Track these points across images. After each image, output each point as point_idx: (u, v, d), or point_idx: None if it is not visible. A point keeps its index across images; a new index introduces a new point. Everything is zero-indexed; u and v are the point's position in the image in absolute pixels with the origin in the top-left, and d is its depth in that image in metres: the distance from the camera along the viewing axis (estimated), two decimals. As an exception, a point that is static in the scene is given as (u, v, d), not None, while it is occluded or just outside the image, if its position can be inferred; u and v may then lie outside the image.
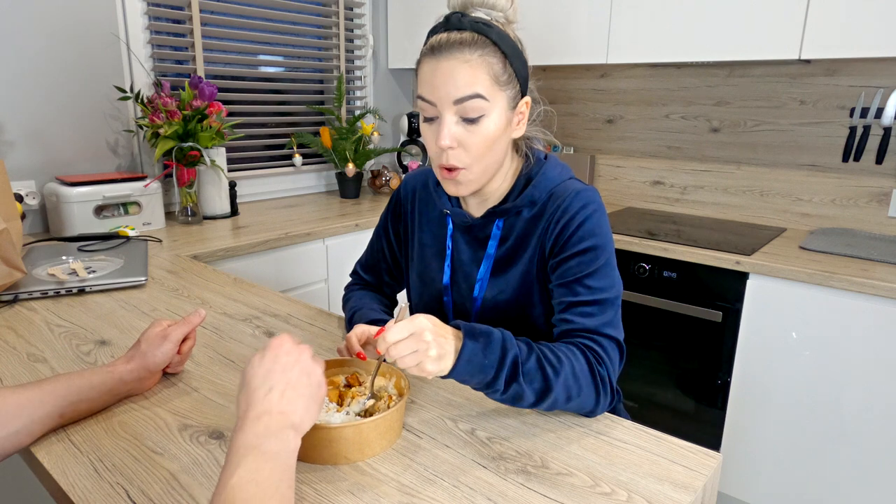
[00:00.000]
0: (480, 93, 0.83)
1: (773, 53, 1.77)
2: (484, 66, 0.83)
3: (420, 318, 0.73)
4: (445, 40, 0.83)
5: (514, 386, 0.76)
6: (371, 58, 2.76)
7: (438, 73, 0.83)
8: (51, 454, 0.71)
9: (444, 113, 0.85)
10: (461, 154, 0.86)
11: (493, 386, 0.76)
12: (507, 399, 0.78)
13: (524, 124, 0.92)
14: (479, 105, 0.83)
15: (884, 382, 1.54)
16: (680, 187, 2.36)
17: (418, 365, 0.71)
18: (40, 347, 1.00)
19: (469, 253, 1.01)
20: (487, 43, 0.83)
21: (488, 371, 0.75)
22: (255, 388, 0.61)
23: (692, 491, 0.67)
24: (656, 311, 1.90)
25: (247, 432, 0.56)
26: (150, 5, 1.99)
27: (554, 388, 0.77)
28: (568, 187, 0.93)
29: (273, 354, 0.64)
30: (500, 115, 0.86)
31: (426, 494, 0.65)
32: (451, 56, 0.82)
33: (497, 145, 0.88)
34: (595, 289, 0.87)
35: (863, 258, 1.68)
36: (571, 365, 0.80)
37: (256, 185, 2.43)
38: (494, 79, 0.84)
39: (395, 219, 1.12)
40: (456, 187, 0.91)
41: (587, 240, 0.88)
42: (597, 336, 0.85)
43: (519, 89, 0.88)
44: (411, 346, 0.71)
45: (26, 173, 1.79)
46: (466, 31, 0.83)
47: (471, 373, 0.74)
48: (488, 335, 0.76)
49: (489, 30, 0.84)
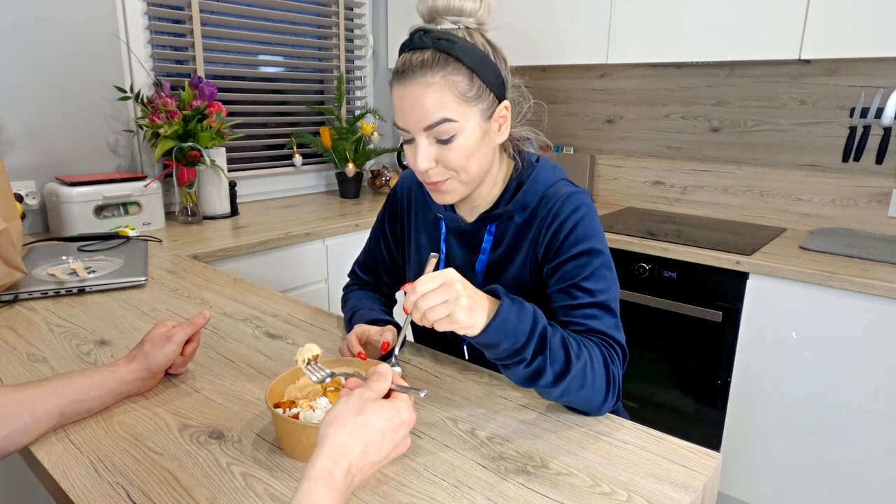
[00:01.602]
0: (447, 116, 0.82)
1: (773, 53, 1.77)
2: (448, 87, 0.82)
3: (449, 270, 0.72)
4: (409, 63, 0.83)
5: (538, 359, 0.75)
6: (371, 58, 2.76)
7: (406, 100, 0.83)
8: (51, 454, 0.71)
9: (417, 137, 0.85)
10: (441, 170, 0.87)
11: (522, 354, 0.75)
12: (528, 374, 0.77)
13: (507, 128, 0.91)
14: (449, 127, 0.83)
15: (884, 382, 1.54)
16: (680, 187, 2.36)
17: (449, 316, 0.70)
18: (40, 347, 1.00)
19: (463, 257, 1.01)
20: (450, 61, 0.82)
21: (520, 336, 0.74)
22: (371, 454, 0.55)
23: (692, 491, 0.67)
24: (656, 311, 1.90)
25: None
26: (150, 5, 1.99)
27: (572, 372, 0.76)
28: (559, 190, 0.92)
29: (401, 436, 0.58)
30: (474, 129, 0.85)
31: (426, 494, 0.65)
32: (414, 81, 0.82)
33: (478, 155, 0.87)
34: (594, 291, 0.87)
35: (863, 258, 1.68)
36: (590, 354, 0.79)
37: (256, 185, 2.43)
38: (461, 97, 0.83)
39: (392, 218, 1.12)
40: (441, 196, 0.91)
41: (582, 243, 0.88)
42: (607, 338, 0.85)
43: (493, 97, 0.87)
44: (442, 295, 0.70)
45: (26, 173, 1.79)
46: (429, 49, 0.82)
47: (504, 334, 0.73)
48: (522, 302, 0.76)
49: (452, 46, 0.82)
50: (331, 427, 0.55)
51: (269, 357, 0.99)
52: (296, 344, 1.04)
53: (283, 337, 1.07)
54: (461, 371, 0.96)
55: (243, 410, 0.82)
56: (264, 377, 0.92)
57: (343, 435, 0.54)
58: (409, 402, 0.60)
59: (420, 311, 0.70)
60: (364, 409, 0.56)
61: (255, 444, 0.74)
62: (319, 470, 0.51)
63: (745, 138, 2.18)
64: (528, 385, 0.79)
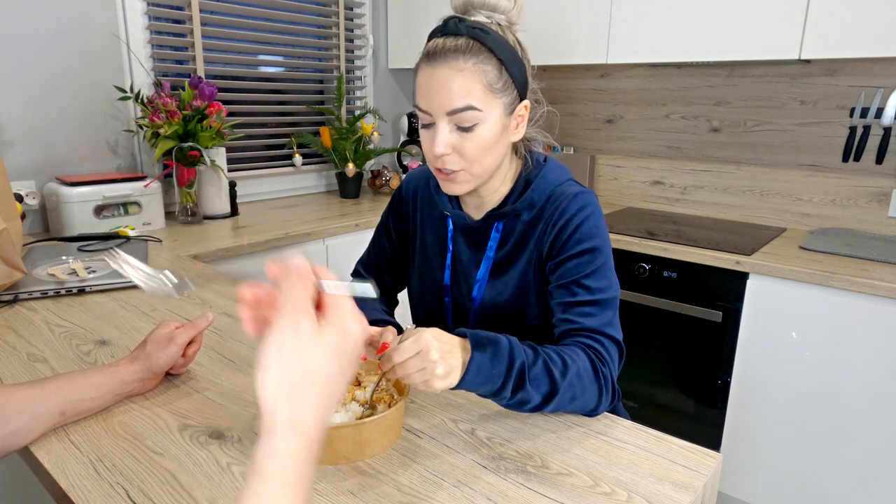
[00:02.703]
0: (473, 104, 0.83)
1: (773, 53, 1.77)
2: (477, 75, 0.82)
3: (426, 334, 0.71)
4: (441, 47, 0.83)
5: (520, 393, 0.76)
6: (371, 58, 2.76)
7: (433, 82, 0.83)
8: (51, 454, 0.71)
9: (438, 121, 0.85)
10: (456, 159, 0.87)
11: (501, 394, 0.76)
12: (513, 404, 0.79)
13: (523, 127, 0.92)
14: (472, 115, 0.83)
15: (884, 382, 1.54)
16: (680, 187, 2.36)
17: (425, 382, 0.71)
18: (40, 347, 1.00)
19: (469, 254, 1.01)
20: (482, 50, 0.83)
21: (496, 380, 0.75)
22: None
23: (692, 491, 0.67)
24: (656, 311, 1.90)
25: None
26: (150, 5, 1.99)
27: (559, 391, 0.77)
28: (565, 190, 0.93)
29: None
30: (496, 121, 0.86)
31: (426, 495, 0.65)
32: (445, 64, 0.82)
33: (494, 150, 0.88)
34: (594, 289, 0.87)
35: (863, 258, 1.68)
36: (577, 367, 0.80)
37: (256, 185, 2.43)
38: (488, 87, 0.83)
39: (397, 218, 1.12)
40: (451, 186, 0.91)
41: (585, 242, 0.89)
42: (598, 336, 0.86)
43: (517, 94, 0.88)
44: (417, 364, 0.70)
45: (26, 173, 1.79)
46: (463, 36, 0.83)
47: (479, 383, 0.75)
48: (496, 344, 0.76)
49: (486, 36, 0.83)
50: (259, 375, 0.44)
51: (269, 357, 0.99)
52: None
53: (283, 337, 1.07)
54: (461, 371, 0.96)
55: (243, 410, 0.82)
56: (264, 377, 0.92)
57: (273, 375, 0.44)
58: (353, 311, 0.47)
59: (396, 376, 0.72)
60: (296, 346, 0.45)
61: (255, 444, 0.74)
62: (265, 429, 0.43)
63: (745, 138, 2.18)
64: (518, 410, 0.81)
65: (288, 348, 0.44)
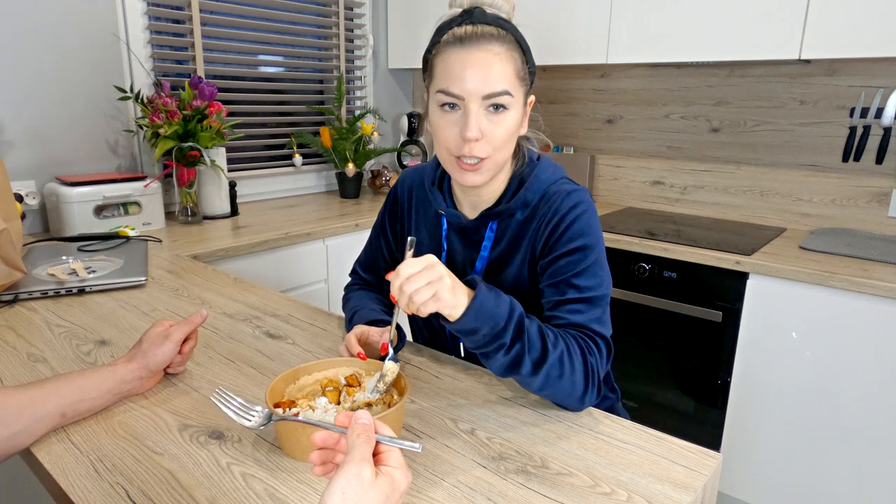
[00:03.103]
0: (508, 89, 0.84)
1: (773, 53, 1.77)
2: (510, 62, 0.83)
3: (429, 255, 0.75)
4: (472, 32, 0.83)
5: (517, 345, 0.76)
6: (371, 58, 2.76)
7: (469, 64, 0.82)
8: (51, 454, 0.71)
9: (470, 105, 0.84)
10: (484, 145, 0.86)
11: (501, 338, 0.76)
12: (507, 362, 0.78)
13: (526, 122, 0.93)
14: (507, 100, 0.84)
15: (884, 382, 1.54)
16: (680, 187, 2.36)
17: (434, 295, 0.72)
18: (40, 347, 1.00)
19: (464, 253, 1.01)
20: (510, 39, 0.84)
21: (499, 320, 0.75)
22: None
23: (692, 491, 0.67)
24: (656, 311, 1.90)
25: None
26: (150, 5, 1.99)
27: (549, 359, 0.78)
28: (559, 189, 0.93)
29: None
30: (519, 110, 0.87)
31: (426, 494, 0.65)
32: (481, 48, 0.82)
33: (513, 139, 0.89)
34: (583, 288, 0.87)
35: (863, 258, 1.68)
36: (566, 343, 0.81)
37: (256, 185, 2.43)
38: (517, 74, 0.85)
39: (393, 217, 1.12)
40: (473, 177, 0.88)
41: (576, 240, 0.89)
42: (585, 330, 0.86)
43: (530, 87, 0.90)
44: (426, 276, 0.72)
45: (26, 173, 1.79)
46: (491, 25, 0.84)
47: (483, 318, 0.75)
48: (497, 290, 0.78)
49: (510, 26, 0.85)
50: None
51: (269, 357, 0.99)
52: (296, 344, 1.04)
53: (283, 337, 1.07)
54: (461, 371, 0.96)
55: (243, 410, 0.82)
56: (264, 377, 0.92)
57: None
58: (403, 463, 0.54)
59: (406, 295, 0.72)
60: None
61: (255, 444, 0.74)
62: None
63: (745, 138, 2.18)
64: (508, 374, 0.80)
65: (351, 491, 0.50)
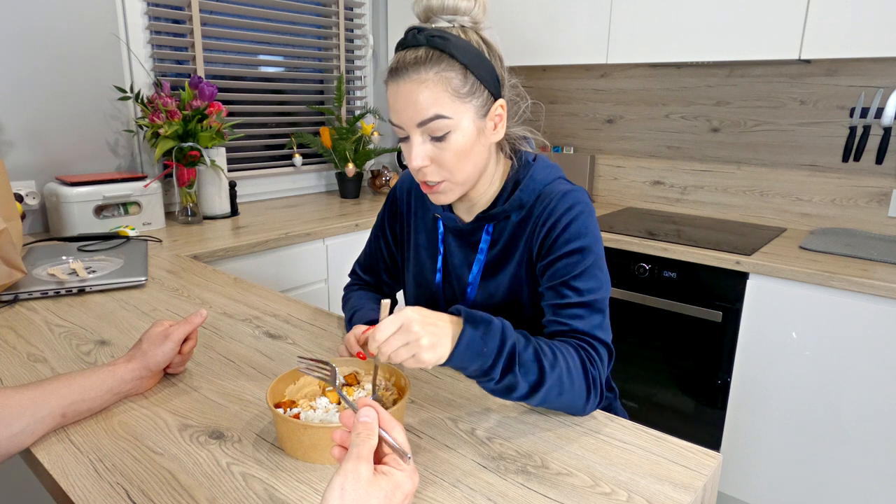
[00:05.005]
0: (441, 113, 0.82)
1: (773, 53, 1.77)
2: (441, 84, 0.82)
3: (406, 310, 0.72)
4: (402, 61, 0.83)
5: (509, 376, 0.76)
6: (371, 58, 2.76)
7: (400, 97, 0.84)
8: (51, 454, 0.71)
9: (411, 135, 0.85)
10: (435, 170, 0.87)
11: (490, 374, 0.75)
12: (500, 389, 0.77)
13: (502, 127, 0.91)
14: (443, 124, 0.83)
15: (884, 382, 1.54)
16: (680, 187, 2.36)
17: (414, 356, 0.71)
18: (40, 347, 1.00)
19: (461, 256, 1.01)
20: (443, 57, 0.82)
21: (487, 358, 0.74)
22: None
23: (692, 491, 0.67)
24: (656, 311, 1.90)
25: None
26: (150, 5, 1.99)
27: (547, 382, 0.77)
28: (555, 189, 0.92)
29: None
30: (469, 126, 0.85)
31: (426, 494, 0.65)
32: (407, 78, 0.82)
33: (472, 155, 0.87)
34: (583, 290, 0.87)
35: (863, 258, 1.68)
36: (566, 361, 0.80)
37: (256, 185, 2.43)
38: (454, 93, 0.83)
39: (392, 218, 1.12)
40: (438, 197, 0.91)
41: (574, 241, 0.88)
42: (588, 338, 0.85)
43: (489, 95, 0.87)
44: (401, 339, 0.70)
45: (26, 173, 1.79)
46: (422, 47, 0.83)
47: (470, 359, 0.74)
48: (488, 322, 0.76)
49: (445, 42, 0.82)
50: None
51: (269, 357, 0.99)
52: (296, 344, 1.04)
53: (283, 337, 1.07)
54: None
55: (243, 410, 0.82)
56: (264, 377, 0.92)
57: None
58: (410, 466, 0.56)
59: (385, 355, 0.71)
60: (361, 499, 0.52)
61: (255, 444, 0.74)
62: None
63: (745, 138, 2.18)
64: (502, 397, 0.80)
65: (349, 488, 0.51)
